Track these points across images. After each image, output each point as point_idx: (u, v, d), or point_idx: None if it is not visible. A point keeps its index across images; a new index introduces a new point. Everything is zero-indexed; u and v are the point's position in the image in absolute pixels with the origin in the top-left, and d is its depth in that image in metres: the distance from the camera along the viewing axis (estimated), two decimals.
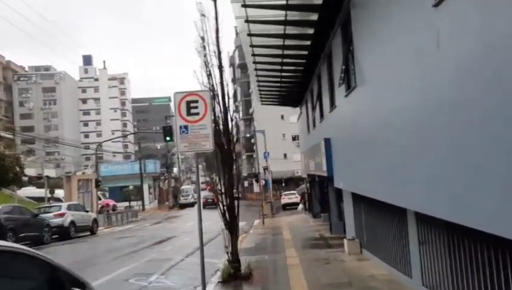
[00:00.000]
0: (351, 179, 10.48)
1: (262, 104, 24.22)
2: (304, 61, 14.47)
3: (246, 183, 72.28)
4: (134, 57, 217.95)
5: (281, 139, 63.84)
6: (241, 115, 77.17)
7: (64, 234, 21.29)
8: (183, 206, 52.13)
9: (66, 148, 76.76)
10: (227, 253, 9.54)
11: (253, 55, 14.64)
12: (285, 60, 14.49)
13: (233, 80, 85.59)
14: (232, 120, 9.56)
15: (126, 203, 49.70)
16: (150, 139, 77.67)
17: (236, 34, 72.94)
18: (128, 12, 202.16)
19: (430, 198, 5.44)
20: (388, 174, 7.13)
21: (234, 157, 9.63)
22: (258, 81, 17.80)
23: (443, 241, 6.01)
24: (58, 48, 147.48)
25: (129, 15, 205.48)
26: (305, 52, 13.57)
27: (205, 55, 9.52)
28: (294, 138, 63.35)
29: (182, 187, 61.89)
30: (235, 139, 9.61)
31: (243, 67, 72.32)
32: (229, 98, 9.53)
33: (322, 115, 14.98)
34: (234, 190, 9.71)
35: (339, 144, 11.85)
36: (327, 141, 12.87)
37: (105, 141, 53.15)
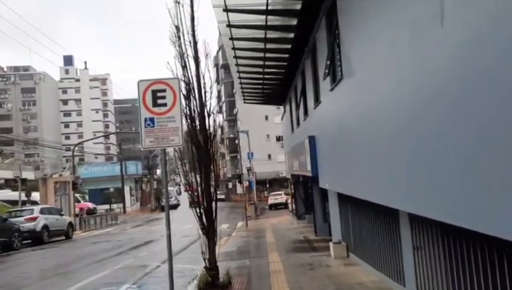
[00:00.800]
0: (337, 179, 9.82)
1: (245, 102, 23.50)
2: (287, 55, 13.80)
3: (230, 185, 71.58)
4: (117, 58, 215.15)
5: (265, 140, 63.29)
6: (225, 115, 76.45)
7: (36, 239, 20.21)
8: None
9: (46, 150, 75.00)
10: (205, 260, 8.80)
11: (234, 48, 13.90)
12: (268, 55, 13.81)
13: (217, 80, 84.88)
14: (209, 115, 8.81)
15: (107, 206, 48.49)
16: (132, 141, 76.30)
17: (220, 34, 72.17)
18: (112, 13, 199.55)
19: (425, 198, 4.79)
20: (378, 172, 6.47)
21: (212, 156, 8.88)
22: (240, 78, 17.08)
23: (440, 246, 5.38)
24: (38, 48, 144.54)
25: (113, 15, 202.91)
26: (289, 46, 12.90)
27: (180, 46, 8.77)
28: (278, 139, 62.89)
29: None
30: (212, 136, 8.84)
31: (227, 67, 71.51)
32: (205, 92, 8.78)
33: (306, 112, 14.32)
34: (212, 191, 8.95)
35: (324, 142, 11.20)
36: (311, 139, 12.22)
37: (83, 141, 51.74)
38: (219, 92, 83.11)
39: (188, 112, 8.74)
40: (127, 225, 30.70)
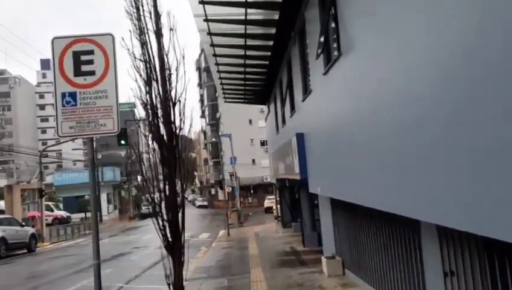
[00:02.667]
0: (332, 183, 8.16)
1: (226, 101, 21.80)
2: (272, 43, 12.15)
3: (213, 191, 69.60)
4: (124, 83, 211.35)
5: (249, 144, 61.70)
6: (207, 120, 74.58)
7: None
8: (145, 216, 48.81)
9: (21, 157, 71.99)
10: (169, 285, 7.01)
11: (213, 45, 12.33)
12: (249, 43, 12.15)
13: (200, 84, 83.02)
14: (174, 104, 7.07)
15: (82, 215, 46.06)
16: (113, 147, 73.73)
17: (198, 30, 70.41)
18: (90, 15, 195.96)
19: (466, 208, 3.18)
20: (391, 174, 4.83)
21: (178, 155, 7.13)
22: (219, 71, 15.38)
23: (486, 273, 3.78)
24: (13, 52, 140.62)
25: (91, 18, 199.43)
26: (273, 31, 11.25)
27: (139, 18, 7.04)
28: (262, 143, 61.32)
29: (144, 196, 58.27)
30: (179, 130, 7.10)
31: (209, 70, 69.96)
32: (170, 74, 7.04)
33: (293, 107, 12.69)
34: (179, 199, 7.20)
35: (315, 140, 9.56)
36: (300, 137, 10.57)
37: (48, 146, 49.33)
38: (202, 95, 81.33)
39: (147, 100, 7.01)
40: (101, 235, 28.51)
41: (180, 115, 7.22)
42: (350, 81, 6.25)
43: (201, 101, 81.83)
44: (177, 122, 7.19)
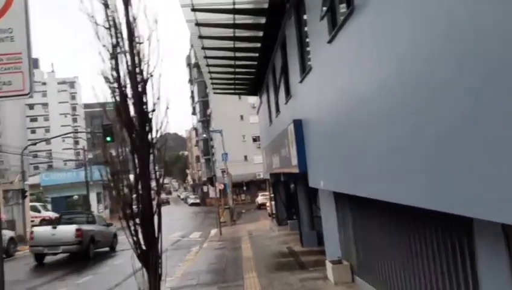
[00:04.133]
0: (340, 176, 6.90)
1: (215, 92, 20.48)
2: (264, 20, 10.87)
3: (205, 188, 68.25)
4: (86, 60, 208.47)
5: (241, 140, 60.38)
6: (198, 116, 73.15)
7: None
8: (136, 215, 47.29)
9: (10, 157, 70.07)
10: None
11: (198, 24, 11.04)
12: (238, 20, 10.86)
13: (190, 81, 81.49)
14: (145, 80, 5.77)
15: None
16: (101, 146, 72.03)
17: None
18: (79, 14, 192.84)
19: None
20: (433, 162, 3.58)
21: (152, 144, 5.85)
22: (205, 57, 14.06)
23: None
24: None
25: (80, 16, 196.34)
26: (265, 5, 9.97)
27: None
28: (255, 139, 60.10)
29: (134, 195, 56.62)
30: (151, 112, 5.80)
31: (199, 66, 68.49)
32: (139, 42, 5.75)
33: (288, 92, 11.42)
34: (154, 198, 5.96)
35: (315, 126, 8.30)
36: (298, 124, 9.30)
37: (29, 145, 47.77)
38: (192, 92, 79.82)
39: (113, 76, 5.73)
40: None
41: (154, 93, 5.93)
42: (367, 44, 4.97)
43: (192, 97, 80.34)
44: (150, 103, 5.92)
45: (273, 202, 22.32)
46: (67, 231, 15.32)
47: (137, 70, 5.79)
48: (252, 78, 17.15)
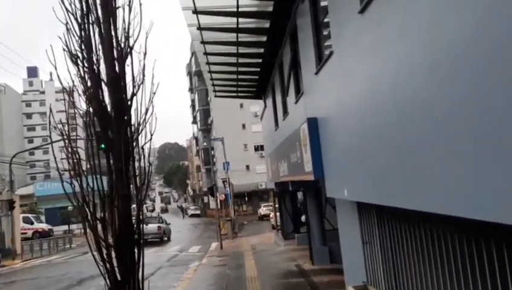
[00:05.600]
0: (374, 184, 5.47)
1: (216, 96, 19.14)
2: (271, 8, 9.57)
3: (206, 199, 66.70)
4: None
5: (243, 149, 58.93)
6: (199, 125, 71.85)
7: None
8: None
9: (6, 167, 68.77)
10: None
11: (200, 28, 9.86)
12: (242, 9, 9.55)
13: (191, 89, 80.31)
14: (124, 54, 4.41)
15: (65, 227, 43.02)
16: (102, 154, 70.64)
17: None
18: None
19: None
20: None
21: (131, 137, 4.47)
22: (205, 53, 12.71)
23: None
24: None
25: None
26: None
27: None
28: (257, 149, 58.76)
29: (133, 206, 55.11)
30: (130, 98, 4.42)
31: (200, 74, 67.30)
32: (114, 8, 4.40)
33: (298, 90, 10.07)
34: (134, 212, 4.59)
35: (336, 125, 6.92)
36: (312, 123, 7.91)
37: (20, 152, 46.36)
38: (193, 101, 78.62)
39: (83, 50, 4.39)
40: (79, 251, 25.51)
41: (134, 73, 4.56)
42: (420, 9, 3.60)
43: (193, 106, 79.14)
44: (131, 86, 4.55)
45: (278, 213, 20.84)
46: (153, 227, 27.44)
47: (114, 43, 4.44)
48: (256, 79, 15.81)
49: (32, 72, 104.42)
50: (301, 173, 9.14)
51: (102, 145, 4.25)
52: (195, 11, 9.60)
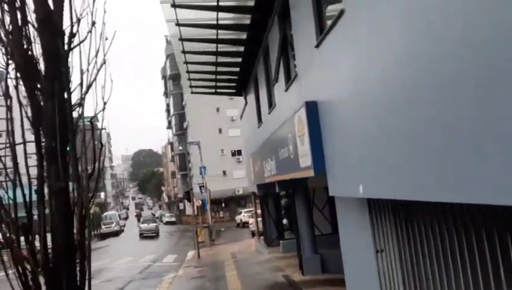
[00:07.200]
0: (406, 177, 4.18)
1: (192, 92, 17.65)
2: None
3: (181, 206, 64.69)
4: None
5: (220, 154, 57.35)
6: (174, 130, 69.93)
7: None
8: (105, 236, 43.62)
9: None
10: None
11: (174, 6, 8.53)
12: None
13: (165, 93, 78.25)
14: None
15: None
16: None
17: (167, 41, 66.09)
18: None
19: None
20: None
21: (81, 104, 3.02)
22: (181, 39, 11.29)
23: None
24: None
25: None
26: None
27: None
28: (234, 153, 57.35)
29: (105, 214, 52.81)
30: (68, 38, 2.97)
31: (175, 78, 65.46)
32: None
33: (289, 76, 8.80)
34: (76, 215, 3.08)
35: (345, 108, 5.64)
36: (312, 108, 6.60)
37: None
38: (168, 105, 76.60)
39: None
40: None
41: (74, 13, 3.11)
42: None
43: (168, 110, 77.10)
44: (73, 31, 3.10)
45: (259, 219, 19.44)
46: (153, 225, 39.04)
47: None
48: (237, 72, 14.48)
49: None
50: (295, 169, 7.80)
51: (68, 148, 2.89)
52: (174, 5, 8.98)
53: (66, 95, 2.85)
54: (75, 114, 3.09)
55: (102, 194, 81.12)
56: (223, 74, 14.84)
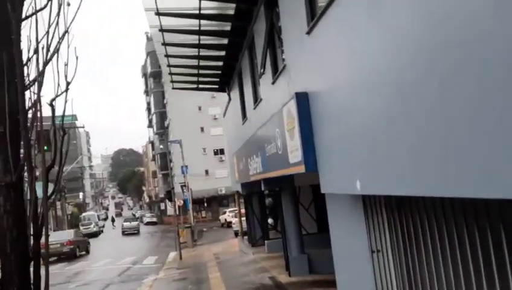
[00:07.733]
0: (416, 170, 3.76)
1: (173, 88, 17.07)
2: None
3: (162, 206, 63.73)
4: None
5: (202, 153, 56.57)
6: (155, 129, 68.83)
7: None
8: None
9: None
10: None
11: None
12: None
13: (146, 92, 77.01)
14: None
15: None
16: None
17: (147, 38, 64.99)
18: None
19: None
20: None
21: (39, 81, 2.47)
22: (161, 30, 10.73)
23: None
24: None
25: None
26: None
27: None
28: (216, 152, 56.67)
29: (83, 214, 51.52)
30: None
31: (156, 76, 64.42)
32: None
33: (276, 68, 8.35)
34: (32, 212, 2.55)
35: (340, 99, 5.21)
36: (302, 99, 6.16)
37: None
38: (148, 103, 75.34)
39: None
40: None
41: None
42: None
43: (148, 109, 75.84)
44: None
45: (243, 218, 18.97)
46: (135, 223, 44.84)
47: None
48: (220, 67, 13.97)
49: None
50: (283, 166, 7.35)
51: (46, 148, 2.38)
52: None
53: (17, 69, 2.32)
54: (32, 95, 2.57)
55: (80, 195, 79.48)
56: (205, 68, 14.31)
